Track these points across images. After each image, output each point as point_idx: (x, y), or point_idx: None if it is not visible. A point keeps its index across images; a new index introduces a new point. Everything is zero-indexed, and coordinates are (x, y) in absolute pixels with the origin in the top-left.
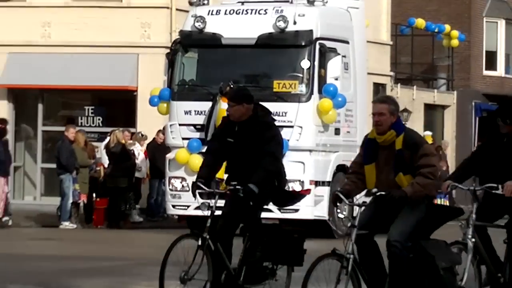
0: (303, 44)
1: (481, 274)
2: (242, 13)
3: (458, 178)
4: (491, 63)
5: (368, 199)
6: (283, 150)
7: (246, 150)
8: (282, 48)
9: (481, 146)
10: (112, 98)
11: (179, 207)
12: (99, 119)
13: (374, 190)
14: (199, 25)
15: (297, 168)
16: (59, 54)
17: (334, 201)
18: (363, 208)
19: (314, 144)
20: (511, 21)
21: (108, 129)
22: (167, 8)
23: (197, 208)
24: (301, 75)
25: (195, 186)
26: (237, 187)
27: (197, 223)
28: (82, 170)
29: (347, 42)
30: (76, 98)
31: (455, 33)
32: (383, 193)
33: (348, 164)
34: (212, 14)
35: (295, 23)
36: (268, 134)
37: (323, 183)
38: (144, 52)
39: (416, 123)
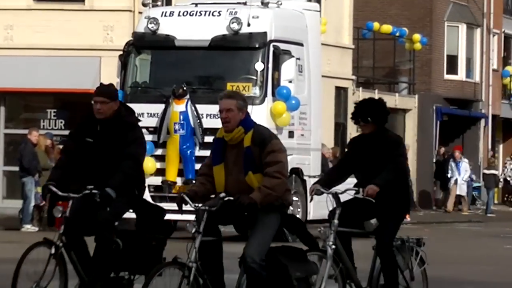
0: (257, 46)
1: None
2: (195, 15)
3: (326, 182)
4: (452, 67)
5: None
6: (145, 153)
7: (106, 152)
8: (236, 50)
9: (347, 151)
10: (74, 101)
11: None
12: (61, 122)
13: (222, 195)
14: (152, 27)
15: None
16: (21, 57)
17: (179, 204)
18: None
19: None
20: (472, 25)
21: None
22: (130, 11)
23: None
24: (254, 77)
25: (46, 189)
26: (94, 191)
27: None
28: (44, 173)
29: (302, 45)
30: (39, 101)
31: (417, 36)
32: (231, 198)
33: (303, 167)
34: (165, 15)
35: (249, 25)
36: (132, 135)
37: None
38: (106, 55)
39: None
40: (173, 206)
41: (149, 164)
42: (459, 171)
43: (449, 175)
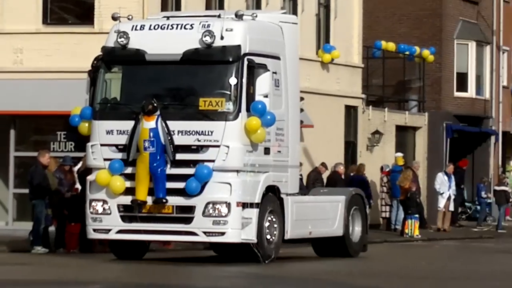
0: (230, 59)
1: None
2: (167, 28)
3: None
4: (462, 84)
5: None
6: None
7: None
8: (209, 64)
9: None
10: None
11: (100, 231)
12: (71, 144)
13: None
14: (122, 41)
15: (223, 190)
16: (31, 80)
17: None
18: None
19: (241, 164)
20: (482, 43)
21: (81, 154)
22: None
23: (119, 232)
24: (228, 92)
25: None
26: None
27: (120, 247)
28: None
29: (278, 58)
30: (48, 124)
31: (426, 52)
32: None
33: (280, 185)
34: (136, 29)
35: (222, 38)
36: None
37: (251, 205)
38: None
39: (387, 144)
40: (144, 226)
41: (118, 183)
42: (450, 186)
43: (437, 188)
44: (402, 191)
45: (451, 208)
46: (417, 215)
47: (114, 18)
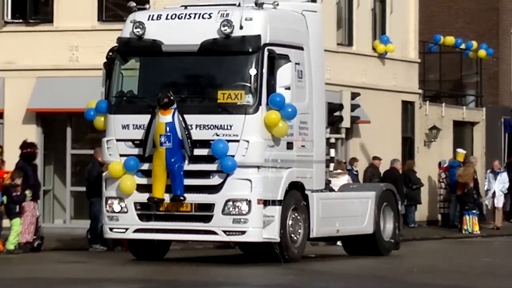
0: (250, 50)
1: None
2: (184, 18)
3: None
4: None
5: None
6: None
7: None
8: (227, 55)
9: None
10: None
11: (117, 230)
12: None
13: None
14: (138, 32)
15: (244, 186)
16: (87, 78)
17: None
18: None
19: (262, 160)
20: None
21: None
22: None
23: (137, 231)
24: (248, 84)
25: None
26: None
27: (139, 247)
28: None
29: (302, 48)
30: None
31: (482, 52)
32: None
33: (304, 181)
34: (152, 19)
35: (241, 27)
36: None
37: (273, 202)
38: None
39: (445, 140)
40: (162, 225)
41: (128, 182)
42: (496, 182)
43: (485, 188)
44: (459, 186)
45: (499, 204)
46: (475, 211)
47: (130, 8)
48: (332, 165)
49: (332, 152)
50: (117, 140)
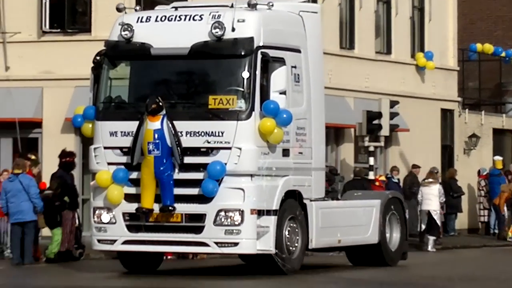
0: (242, 53)
1: None
2: (174, 20)
3: None
4: None
5: None
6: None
7: None
8: (219, 58)
9: None
10: None
11: (105, 242)
12: None
13: None
14: (126, 34)
15: (236, 196)
16: None
17: None
18: None
19: (255, 168)
20: None
21: None
22: None
23: (125, 242)
24: (240, 89)
25: None
26: None
27: (130, 258)
28: None
29: (298, 51)
30: None
31: None
32: None
33: (302, 189)
34: (141, 21)
35: (233, 29)
36: None
37: (268, 212)
38: None
39: (484, 148)
40: (151, 236)
41: (115, 192)
42: None
43: None
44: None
45: None
46: None
47: (119, 9)
48: (371, 173)
49: (371, 160)
50: (105, 148)
